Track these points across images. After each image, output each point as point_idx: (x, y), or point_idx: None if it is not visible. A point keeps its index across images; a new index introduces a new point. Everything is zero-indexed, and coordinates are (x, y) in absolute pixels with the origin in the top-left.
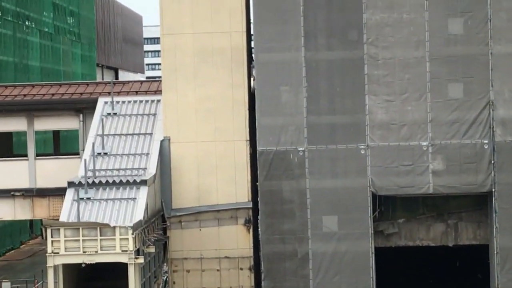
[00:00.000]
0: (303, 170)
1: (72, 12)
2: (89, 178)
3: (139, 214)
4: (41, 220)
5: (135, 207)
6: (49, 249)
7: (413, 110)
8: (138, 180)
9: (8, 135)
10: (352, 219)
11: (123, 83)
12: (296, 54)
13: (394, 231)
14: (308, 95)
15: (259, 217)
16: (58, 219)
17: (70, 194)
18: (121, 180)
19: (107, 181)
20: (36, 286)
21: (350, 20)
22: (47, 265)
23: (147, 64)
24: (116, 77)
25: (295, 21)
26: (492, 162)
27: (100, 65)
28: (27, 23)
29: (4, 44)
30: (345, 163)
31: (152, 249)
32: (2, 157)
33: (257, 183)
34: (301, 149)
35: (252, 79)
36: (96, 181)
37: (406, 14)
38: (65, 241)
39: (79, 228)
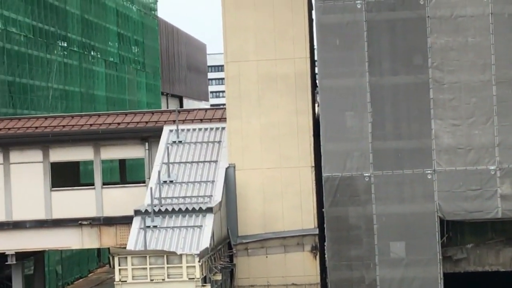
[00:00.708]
0: (369, 195)
1: (136, 41)
2: (155, 206)
3: (205, 242)
4: (108, 248)
5: (202, 234)
6: (117, 278)
7: (480, 134)
8: (204, 208)
9: (76, 164)
10: (420, 245)
11: (188, 111)
12: (360, 80)
13: (462, 257)
14: (373, 120)
15: (325, 243)
16: (125, 248)
17: (136, 222)
18: (187, 208)
19: (173, 209)
20: None
21: (415, 44)
22: None
23: (211, 92)
24: (181, 105)
25: (359, 46)
26: None
27: (164, 93)
28: (92, 53)
29: (70, 75)
30: (411, 188)
31: (219, 277)
32: (70, 186)
33: (323, 210)
34: (367, 174)
35: (316, 105)
36: (162, 209)
37: (471, 38)
38: (132, 269)
39: (146, 256)
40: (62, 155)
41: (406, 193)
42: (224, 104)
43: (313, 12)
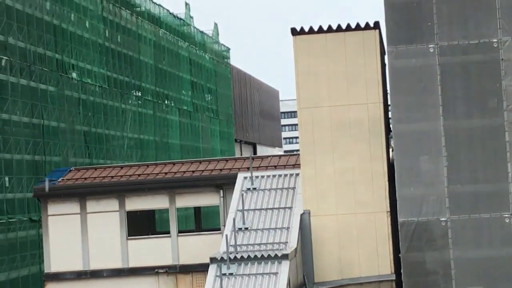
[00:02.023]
0: (446, 240)
1: (210, 89)
2: (231, 253)
3: None
4: None
5: (278, 281)
6: None
7: None
8: (279, 255)
9: (151, 212)
10: None
11: (262, 157)
12: (434, 124)
13: None
14: (448, 164)
15: None
16: None
17: (212, 270)
18: (262, 255)
19: (248, 256)
20: None
21: (489, 87)
22: None
23: (285, 138)
24: (255, 152)
25: (433, 90)
26: None
27: (238, 140)
28: (166, 102)
29: (145, 124)
30: (489, 232)
31: None
32: (146, 235)
33: (399, 255)
34: (443, 219)
35: (390, 149)
36: (238, 256)
37: None
38: None
39: None
40: (138, 203)
41: (484, 237)
42: (297, 150)
43: (386, 56)
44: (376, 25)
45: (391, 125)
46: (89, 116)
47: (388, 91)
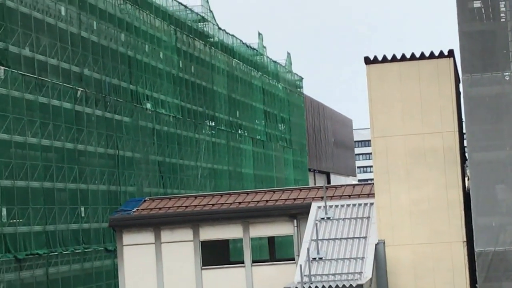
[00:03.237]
0: None
1: (283, 118)
2: (305, 283)
3: None
4: None
5: None
6: None
7: None
8: (354, 285)
9: (225, 242)
10: None
11: (336, 187)
12: (511, 152)
13: None
14: None
15: None
16: None
17: None
18: (337, 285)
19: (323, 286)
20: None
21: None
22: None
23: (359, 167)
24: (328, 181)
25: (509, 118)
26: None
27: (312, 169)
28: (240, 131)
29: (218, 153)
30: None
31: None
32: (220, 265)
33: (476, 285)
34: None
35: (466, 178)
36: (312, 286)
37: None
38: None
39: None
40: (212, 233)
41: None
42: (372, 179)
43: (460, 84)
44: (450, 53)
45: (466, 154)
46: (163, 146)
47: (463, 120)
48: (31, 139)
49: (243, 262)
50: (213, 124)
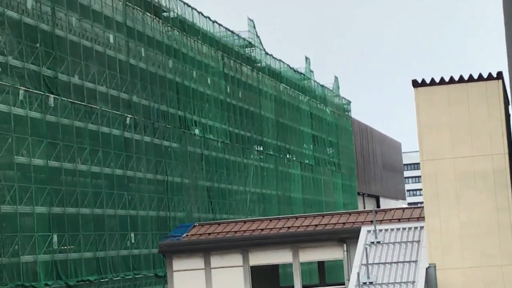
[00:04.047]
0: None
1: (331, 142)
2: None
3: None
4: None
5: None
6: None
7: None
8: None
9: (275, 267)
10: None
11: (385, 211)
12: None
13: None
14: None
15: None
16: None
17: None
18: None
19: None
20: None
21: None
22: None
23: (408, 190)
24: (378, 205)
25: None
26: None
27: (361, 193)
28: (288, 156)
29: (267, 178)
30: None
31: None
32: None
33: None
34: None
35: None
36: None
37: None
38: None
39: None
40: (261, 258)
41: None
42: (421, 203)
43: (510, 106)
44: (499, 75)
45: None
46: (212, 172)
47: None
48: (81, 166)
49: (293, 287)
50: (261, 149)
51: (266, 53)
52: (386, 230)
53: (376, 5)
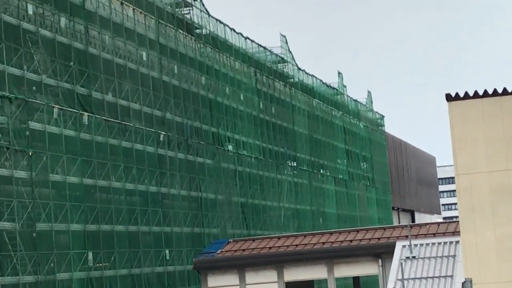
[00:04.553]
0: None
1: (365, 157)
2: None
3: None
4: None
5: None
6: None
7: None
8: None
9: (310, 283)
10: None
11: (420, 225)
12: None
13: None
14: None
15: None
16: None
17: None
18: None
19: None
20: None
21: None
22: None
23: (443, 204)
24: (412, 220)
25: None
26: None
27: (395, 208)
28: (322, 171)
29: (301, 193)
30: None
31: None
32: None
33: None
34: None
35: None
36: None
37: None
38: None
39: None
40: (296, 274)
41: None
42: (456, 217)
43: None
44: None
45: None
46: (246, 187)
47: None
48: (115, 183)
49: None
50: (295, 164)
51: (299, 69)
52: (422, 244)
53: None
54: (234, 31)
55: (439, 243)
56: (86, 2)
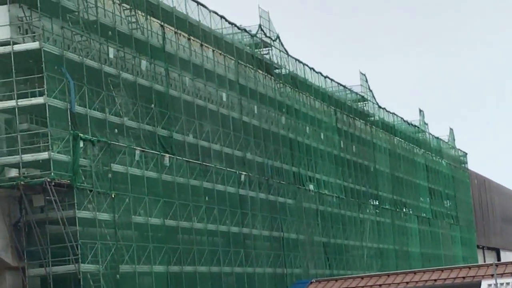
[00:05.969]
0: None
1: (448, 195)
2: None
3: None
4: None
5: None
6: None
7: None
8: None
9: None
10: None
11: (506, 264)
12: None
13: None
14: None
15: None
16: None
17: None
18: None
19: None
20: None
21: None
22: None
23: None
24: (498, 258)
25: None
26: None
27: (480, 246)
28: (404, 210)
29: (384, 232)
30: None
31: None
32: None
33: None
34: None
35: None
36: None
37: None
38: None
39: None
40: None
41: None
42: None
43: None
44: None
45: None
46: (328, 227)
47: None
48: (197, 224)
49: None
50: (377, 203)
51: (379, 107)
52: (508, 283)
53: (486, 53)
54: (314, 70)
55: None
56: (166, 45)
